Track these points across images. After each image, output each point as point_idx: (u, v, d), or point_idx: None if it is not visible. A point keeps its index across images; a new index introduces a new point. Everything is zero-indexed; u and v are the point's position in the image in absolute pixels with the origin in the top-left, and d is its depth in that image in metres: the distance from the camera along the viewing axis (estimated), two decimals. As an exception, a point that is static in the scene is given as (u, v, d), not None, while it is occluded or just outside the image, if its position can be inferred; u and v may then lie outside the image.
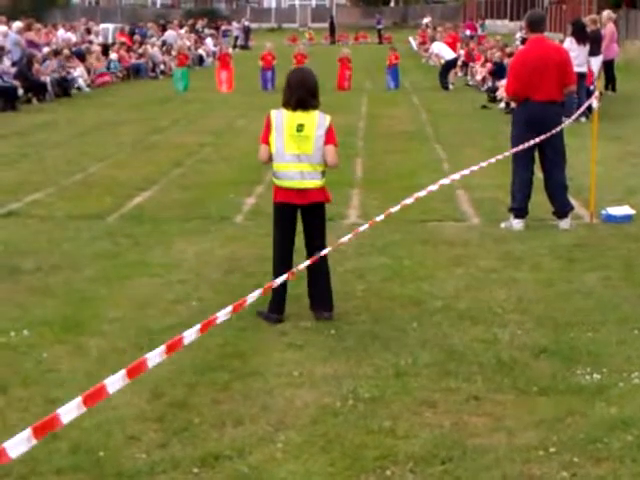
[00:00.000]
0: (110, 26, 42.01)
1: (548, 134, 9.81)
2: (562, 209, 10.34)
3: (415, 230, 10.16)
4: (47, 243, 9.70)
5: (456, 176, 8.14)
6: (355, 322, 7.20)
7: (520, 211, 10.29)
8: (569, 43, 19.44)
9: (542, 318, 7.26)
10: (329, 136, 7.16)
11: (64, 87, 26.86)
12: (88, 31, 36.97)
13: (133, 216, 11.08)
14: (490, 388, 5.90)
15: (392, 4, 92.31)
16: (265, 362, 6.39)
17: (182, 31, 44.24)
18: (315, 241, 7.36)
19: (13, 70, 24.77)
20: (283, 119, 7.15)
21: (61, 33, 33.78)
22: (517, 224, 10.25)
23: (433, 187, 7.25)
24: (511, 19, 66.20)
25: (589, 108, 14.27)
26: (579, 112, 12.60)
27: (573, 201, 10.80)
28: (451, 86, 29.12)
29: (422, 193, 7.05)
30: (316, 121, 7.13)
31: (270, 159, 7.29)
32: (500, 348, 6.58)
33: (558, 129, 9.97)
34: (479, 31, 51.55)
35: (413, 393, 5.84)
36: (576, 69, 19.14)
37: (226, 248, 9.52)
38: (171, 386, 5.95)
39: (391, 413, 5.55)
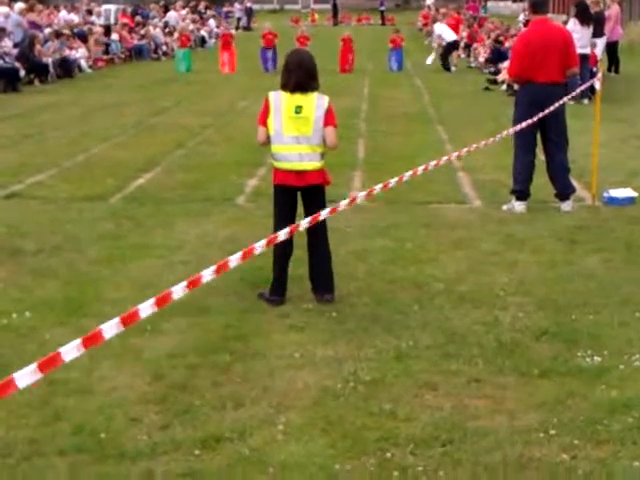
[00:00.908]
0: (112, 7, 41.80)
1: (549, 112, 9.78)
2: (564, 191, 10.33)
3: (417, 212, 10.16)
4: (49, 225, 9.70)
5: (455, 154, 8.09)
6: (356, 304, 7.21)
7: (522, 193, 10.28)
8: (572, 24, 19.38)
9: (543, 300, 7.26)
10: (328, 117, 7.12)
11: (66, 68, 26.82)
12: (89, 12, 36.85)
13: (135, 197, 11.08)
14: (491, 370, 5.91)
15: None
16: (266, 344, 6.40)
17: (184, 12, 44.11)
18: (315, 230, 7.33)
19: (15, 51, 24.73)
20: (281, 101, 7.11)
21: (63, 14, 33.68)
22: (519, 206, 10.24)
23: (432, 163, 7.21)
24: (514, 0, 65.94)
25: (592, 90, 14.24)
26: (578, 90, 12.55)
27: (575, 183, 10.80)
28: (453, 68, 29.07)
29: (421, 168, 7.00)
30: (315, 102, 7.09)
31: (268, 141, 7.26)
32: (501, 330, 6.59)
33: (557, 104, 9.91)
34: (481, 12, 51.36)
35: (414, 375, 5.85)
36: (579, 50, 19.10)
37: (228, 229, 9.52)
38: (172, 368, 5.97)
39: (392, 395, 5.56)
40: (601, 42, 21.15)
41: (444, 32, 29.92)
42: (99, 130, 16.69)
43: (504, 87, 21.95)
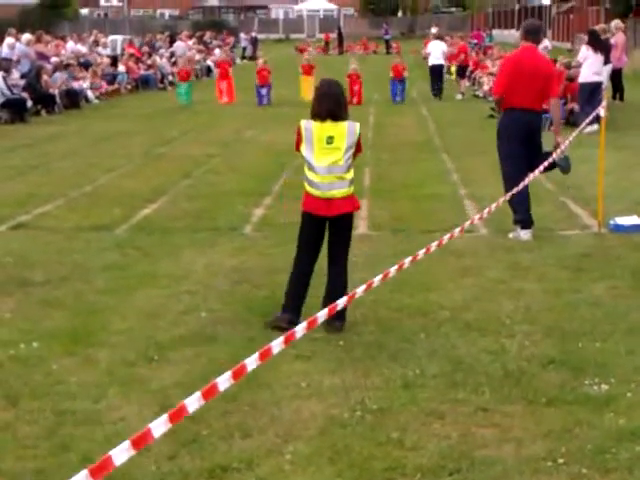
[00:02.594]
0: (119, 38, 42.11)
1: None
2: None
3: (423, 241, 10.14)
4: (56, 255, 9.73)
5: (486, 212, 7.99)
6: (363, 332, 7.21)
7: (525, 222, 10.28)
8: (585, 51, 19.48)
9: (550, 328, 7.26)
10: (358, 146, 7.23)
11: (72, 99, 26.94)
12: (96, 43, 37.08)
13: (142, 227, 11.11)
14: (498, 399, 5.90)
15: (400, 14, 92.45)
16: (273, 373, 6.40)
17: (190, 42, 44.33)
18: (337, 252, 7.39)
19: (22, 82, 24.87)
20: (312, 131, 7.15)
21: (71, 45, 33.87)
22: (525, 235, 10.25)
23: (467, 223, 7.22)
24: (518, 29, 66.26)
25: (597, 117, 14.29)
26: (586, 121, 12.56)
27: (580, 211, 10.81)
28: (460, 96, 29.15)
29: (457, 231, 7.01)
30: (346, 131, 7.15)
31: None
32: (508, 359, 6.58)
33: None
34: (486, 41, 51.57)
35: (421, 404, 5.85)
36: (593, 78, 19.24)
37: (235, 259, 9.54)
38: (180, 397, 5.95)
39: (399, 424, 5.55)
40: (606, 70, 21.21)
41: (433, 51, 29.61)
42: (106, 160, 16.75)
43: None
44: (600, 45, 19.53)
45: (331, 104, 7.14)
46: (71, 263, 9.40)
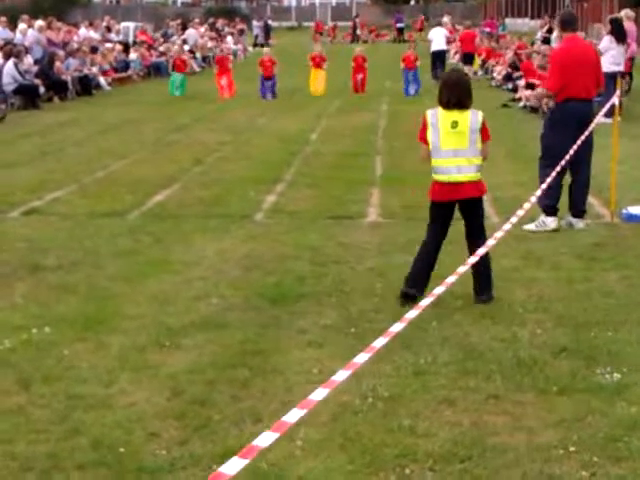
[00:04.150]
0: (131, 24, 42.10)
1: (588, 131, 9.75)
2: (582, 208, 10.26)
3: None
4: (68, 241, 9.74)
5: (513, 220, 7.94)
6: (375, 320, 7.20)
7: (552, 208, 10.11)
8: (608, 42, 19.29)
9: (562, 317, 7.24)
10: (484, 133, 7.62)
11: (85, 85, 26.96)
12: (108, 29, 37.07)
13: (154, 214, 11.12)
14: (510, 387, 5.89)
15: (412, 2, 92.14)
16: (285, 360, 6.41)
17: (202, 30, 44.27)
18: (474, 237, 7.76)
19: (35, 68, 24.90)
20: (438, 117, 7.55)
21: (83, 32, 33.85)
22: (552, 222, 10.07)
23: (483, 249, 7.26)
24: (532, 17, 66.04)
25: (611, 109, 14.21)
26: (608, 106, 12.37)
27: (594, 200, 10.76)
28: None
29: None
30: (469, 117, 7.53)
31: (429, 157, 7.67)
32: (520, 347, 6.57)
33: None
34: (499, 30, 51.34)
35: (432, 392, 5.84)
36: (614, 68, 19.08)
37: (246, 246, 9.54)
38: (191, 383, 5.98)
39: (410, 411, 5.55)
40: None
41: (434, 39, 30.51)
42: (118, 147, 16.77)
43: (521, 104, 21.93)
44: (623, 35, 19.37)
45: (459, 95, 7.50)
46: (83, 249, 9.42)
